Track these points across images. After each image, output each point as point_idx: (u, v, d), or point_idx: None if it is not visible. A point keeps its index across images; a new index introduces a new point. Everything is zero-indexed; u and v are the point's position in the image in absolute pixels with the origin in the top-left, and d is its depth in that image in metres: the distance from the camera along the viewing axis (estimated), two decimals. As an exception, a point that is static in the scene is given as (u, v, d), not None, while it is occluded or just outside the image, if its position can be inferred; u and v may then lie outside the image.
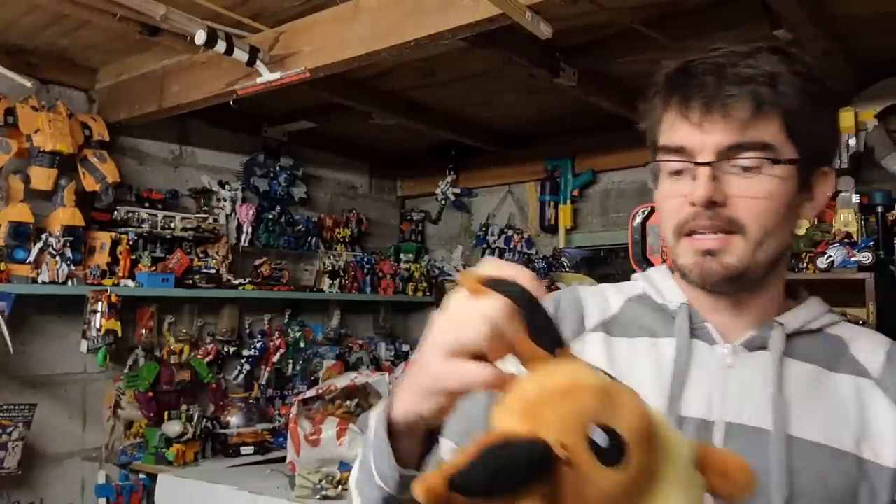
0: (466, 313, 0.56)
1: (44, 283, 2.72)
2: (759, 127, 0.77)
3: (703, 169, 0.77)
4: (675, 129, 0.80)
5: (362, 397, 2.67)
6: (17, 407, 2.63)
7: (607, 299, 0.93)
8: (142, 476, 3.01)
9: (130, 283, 2.99)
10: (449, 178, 4.19)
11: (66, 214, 2.82)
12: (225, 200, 3.54)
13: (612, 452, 0.48)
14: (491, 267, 0.57)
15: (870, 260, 2.46)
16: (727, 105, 0.76)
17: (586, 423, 0.48)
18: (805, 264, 2.61)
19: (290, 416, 2.59)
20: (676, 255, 0.83)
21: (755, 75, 0.76)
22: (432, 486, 0.45)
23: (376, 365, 4.04)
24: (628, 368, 0.82)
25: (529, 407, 0.49)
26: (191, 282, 3.21)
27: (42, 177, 2.79)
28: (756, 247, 0.78)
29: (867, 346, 0.84)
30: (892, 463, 0.77)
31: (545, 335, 0.53)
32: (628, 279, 0.97)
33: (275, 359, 3.63)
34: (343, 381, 2.66)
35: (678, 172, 0.81)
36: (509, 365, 0.55)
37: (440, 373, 0.57)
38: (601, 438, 0.48)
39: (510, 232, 4.06)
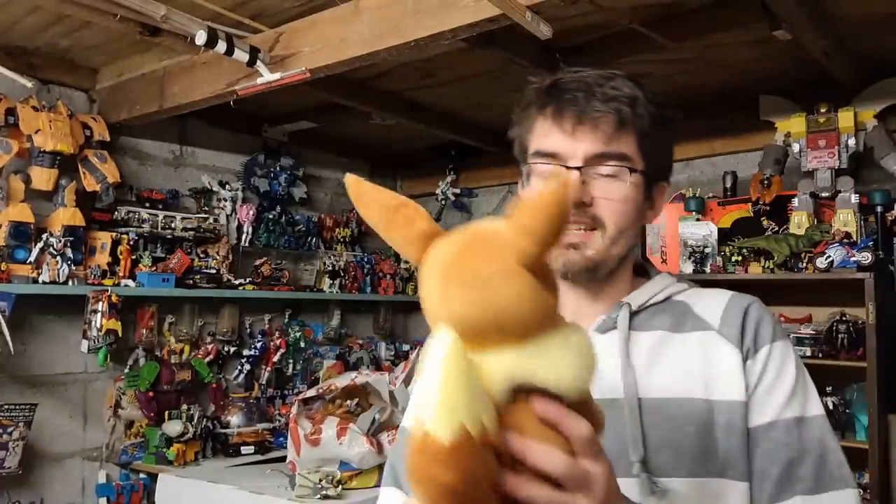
0: None
1: (44, 283, 2.72)
2: (620, 140, 0.89)
3: (574, 172, 0.89)
4: (549, 137, 0.92)
5: (362, 397, 2.67)
6: (17, 407, 2.64)
7: None
8: (142, 476, 3.01)
9: (131, 283, 2.99)
10: (449, 178, 4.19)
11: (66, 214, 2.83)
12: (225, 200, 3.55)
13: None
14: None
15: (869, 260, 2.46)
16: (596, 119, 0.88)
17: None
18: (804, 264, 2.61)
19: (291, 415, 2.59)
20: None
21: (618, 96, 0.89)
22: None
23: (376, 365, 4.05)
24: None
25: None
26: (191, 282, 3.22)
27: (42, 177, 2.79)
28: (612, 243, 0.90)
29: (709, 303, 0.94)
30: (738, 396, 0.87)
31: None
32: None
33: (275, 359, 3.63)
34: (343, 380, 2.67)
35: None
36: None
37: None
38: None
39: (510, 232, 4.06)
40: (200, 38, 2.20)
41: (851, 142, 2.70)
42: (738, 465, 0.85)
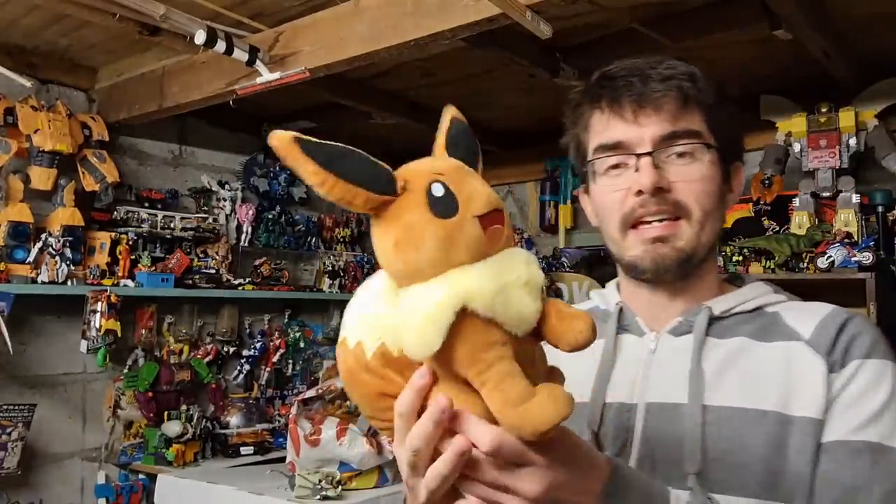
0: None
1: (43, 283, 2.71)
2: (687, 118, 0.83)
3: (646, 158, 0.82)
4: (610, 128, 0.85)
5: (362, 397, 2.66)
6: (16, 407, 2.63)
7: None
8: (141, 476, 3.01)
9: (130, 283, 2.99)
10: (449, 178, 4.18)
11: (65, 214, 2.82)
12: (225, 200, 3.54)
13: (444, 203, 0.55)
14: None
15: (870, 260, 2.46)
16: (657, 100, 0.82)
17: (433, 178, 0.56)
18: (805, 264, 2.61)
19: (290, 416, 2.59)
20: (625, 250, 0.86)
21: (676, 74, 0.83)
22: (283, 136, 0.55)
23: (376, 365, 4.04)
24: (569, 370, 0.80)
25: (403, 168, 0.59)
26: (190, 282, 3.21)
27: (42, 177, 2.78)
28: (700, 229, 0.83)
29: (802, 315, 0.85)
30: (817, 413, 0.77)
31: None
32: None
33: (275, 359, 3.62)
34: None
35: (615, 167, 0.86)
36: None
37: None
38: (438, 190, 0.55)
39: (510, 232, 4.06)
40: (200, 37, 2.20)
41: (852, 141, 2.70)
42: (808, 492, 0.75)
